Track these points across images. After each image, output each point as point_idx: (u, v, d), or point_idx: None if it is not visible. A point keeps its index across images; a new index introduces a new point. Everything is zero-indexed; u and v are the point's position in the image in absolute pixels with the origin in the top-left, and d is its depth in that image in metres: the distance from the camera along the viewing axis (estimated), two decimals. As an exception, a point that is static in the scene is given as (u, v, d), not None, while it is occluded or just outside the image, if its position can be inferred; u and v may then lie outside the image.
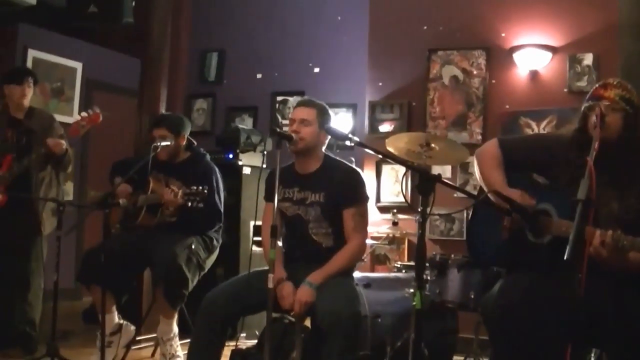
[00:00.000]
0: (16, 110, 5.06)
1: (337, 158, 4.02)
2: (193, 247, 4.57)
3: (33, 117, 5.07)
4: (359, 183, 3.92)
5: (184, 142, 4.86)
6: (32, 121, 5.04)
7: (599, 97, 3.11)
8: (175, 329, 4.57)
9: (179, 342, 4.57)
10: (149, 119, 6.17)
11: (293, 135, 3.76)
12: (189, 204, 4.34)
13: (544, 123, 5.71)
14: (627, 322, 2.87)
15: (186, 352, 3.81)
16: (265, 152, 4.25)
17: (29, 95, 5.07)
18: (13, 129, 5.01)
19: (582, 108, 3.21)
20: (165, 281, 4.45)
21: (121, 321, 4.71)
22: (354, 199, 3.85)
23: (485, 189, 3.31)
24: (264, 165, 3.86)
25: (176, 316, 4.58)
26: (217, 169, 4.87)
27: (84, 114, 4.89)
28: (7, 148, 4.95)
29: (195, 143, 5.00)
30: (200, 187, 4.33)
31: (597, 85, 3.20)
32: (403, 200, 5.97)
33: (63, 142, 4.84)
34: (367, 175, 5.87)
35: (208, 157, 4.98)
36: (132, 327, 4.80)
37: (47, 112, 5.32)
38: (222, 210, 4.79)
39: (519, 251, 3.19)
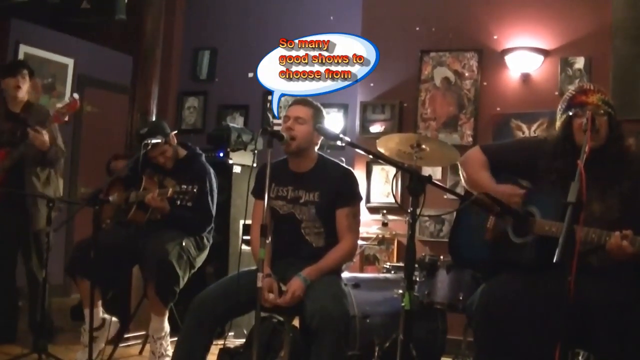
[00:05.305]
0: (13, 104, 5.06)
1: (331, 158, 4.02)
2: (184, 244, 4.57)
3: (30, 112, 5.07)
4: (354, 183, 3.93)
5: (175, 141, 4.85)
6: (28, 115, 5.03)
7: (583, 103, 3.13)
8: (167, 327, 4.56)
9: (169, 341, 4.57)
10: (140, 117, 6.17)
11: (285, 134, 3.75)
12: (177, 202, 4.34)
13: (534, 126, 5.72)
14: (616, 323, 2.88)
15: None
16: (255, 151, 4.23)
17: (24, 88, 5.08)
18: (10, 123, 5.01)
19: (563, 115, 3.22)
20: (156, 278, 4.45)
21: (105, 316, 4.70)
22: (349, 199, 3.85)
23: (474, 192, 3.33)
24: (255, 164, 3.85)
25: (167, 314, 4.57)
26: (212, 171, 4.86)
27: (63, 102, 4.90)
28: (3, 142, 4.95)
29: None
30: (190, 187, 4.33)
31: (574, 92, 3.22)
32: (393, 201, 5.96)
33: (44, 133, 4.81)
34: (358, 175, 5.85)
35: (204, 157, 4.98)
36: (117, 322, 4.79)
37: (44, 108, 5.30)
38: (213, 213, 4.78)
39: (502, 252, 3.21)
